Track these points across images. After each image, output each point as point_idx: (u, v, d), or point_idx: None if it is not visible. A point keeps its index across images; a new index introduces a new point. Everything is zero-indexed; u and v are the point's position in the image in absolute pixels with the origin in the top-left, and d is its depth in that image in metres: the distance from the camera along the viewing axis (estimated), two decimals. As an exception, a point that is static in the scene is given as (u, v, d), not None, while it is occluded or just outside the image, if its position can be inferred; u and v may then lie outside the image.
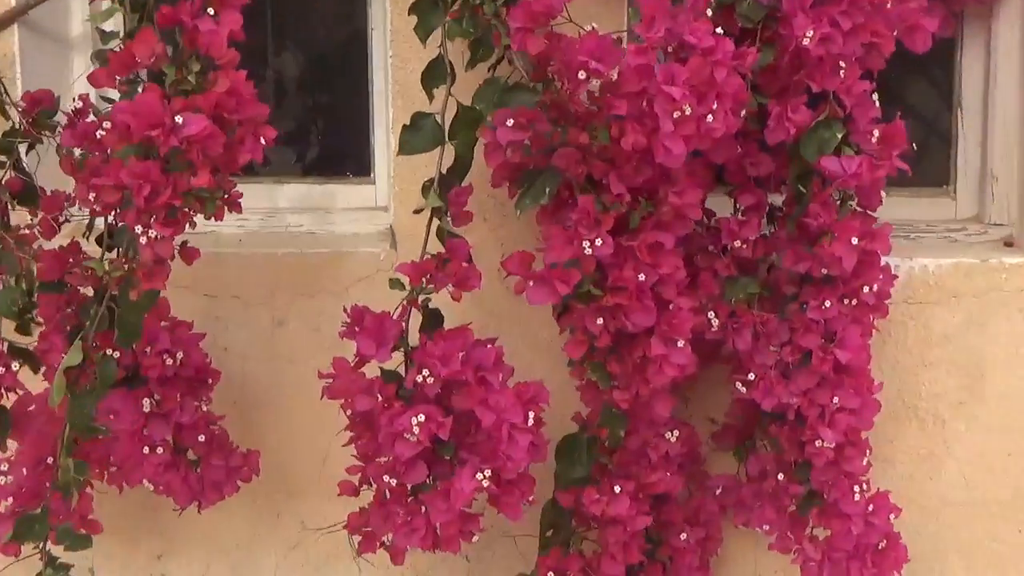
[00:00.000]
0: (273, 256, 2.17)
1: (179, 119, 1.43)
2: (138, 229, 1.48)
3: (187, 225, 1.54)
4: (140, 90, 1.52)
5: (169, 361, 1.79)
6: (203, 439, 1.83)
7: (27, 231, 1.87)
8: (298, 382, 2.11)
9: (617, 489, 1.84)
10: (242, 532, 2.23)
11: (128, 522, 2.21)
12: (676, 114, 1.55)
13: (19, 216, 1.92)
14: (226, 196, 1.58)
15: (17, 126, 1.87)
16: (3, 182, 1.86)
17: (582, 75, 1.59)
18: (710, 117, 1.57)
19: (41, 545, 1.75)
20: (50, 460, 1.78)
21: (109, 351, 1.68)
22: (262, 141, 1.53)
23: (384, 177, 2.27)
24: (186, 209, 1.49)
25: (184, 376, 1.81)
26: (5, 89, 1.87)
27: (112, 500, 2.00)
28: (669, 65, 1.57)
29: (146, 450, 1.77)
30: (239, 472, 1.88)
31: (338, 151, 2.42)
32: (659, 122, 1.55)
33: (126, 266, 1.59)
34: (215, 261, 2.12)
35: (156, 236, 1.48)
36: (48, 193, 1.88)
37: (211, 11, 1.51)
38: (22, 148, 1.89)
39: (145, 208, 1.44)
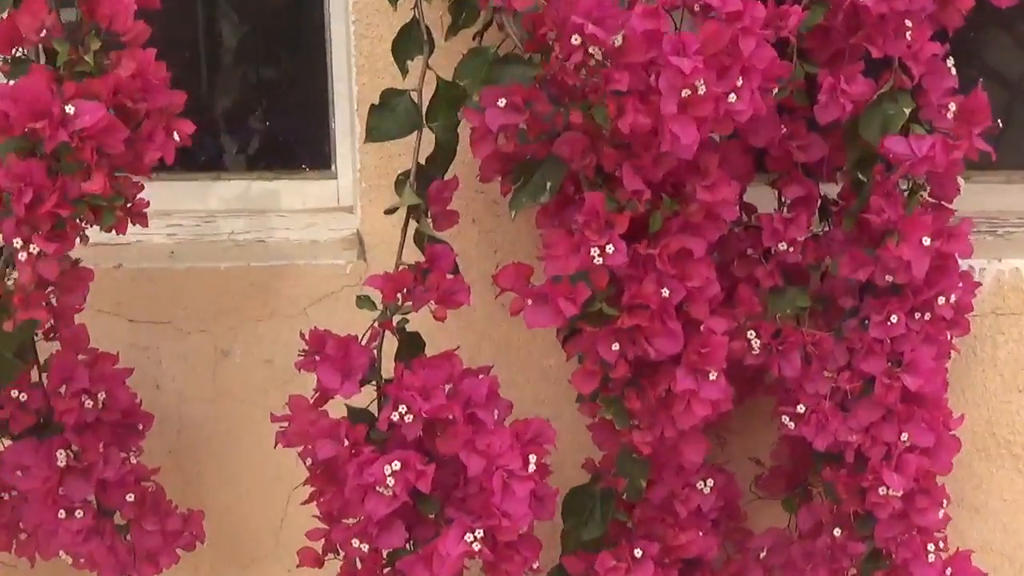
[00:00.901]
0: (214, 271, 2.18)
1: (70, 108, 1.42)
2: (16, 243, 1.47)
3: (77, 239, 1.53)
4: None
5: (89, 403, 1.78)
6: (133, 498, 1.83)
7: None
8: (249, 425, 2.12)
9: (638, 553, 1.83)
10: None
11: None
12: (686, 92, 1.54)
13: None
14: (128, 204, 1.57)
15: None
16: None
17: (576, 40, 1.55)
18: (733, 97, 1.56)
19: None
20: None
21: None
22: (175, 137, 1.52)
23: (348, 170, 2.28)
24: (77, 220, 1.48)
25: (108, 421, 1.81)
26: None
27: (37, 573, 2.02)
28: (683, 32, 1.56)
29: (62, 514, 1.76)
30: (178, 538, 1.87)
31: (290, 139, 2.41)
32: (663, 101, 1.54)
33: None
34: (143, 279, 2.16)
35: (38, 252, 1.47)
36: None
37: None
38: None
39: (26, 218, 1.43)
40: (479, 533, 1.64)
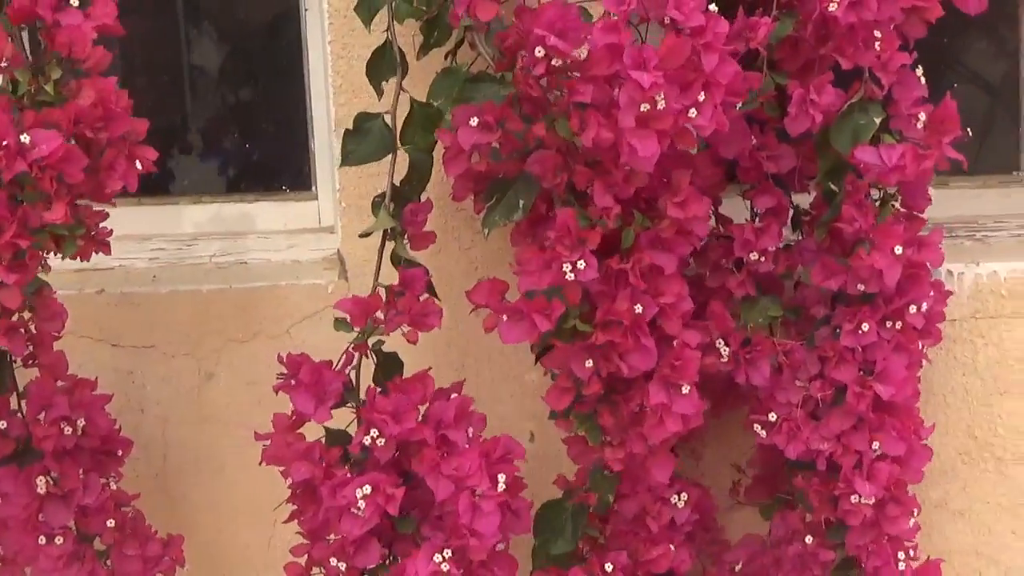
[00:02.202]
0: (197, 294, 2.16)
1: (26, 138, 1.41)
2: None
3: (40, 267, 1.52)
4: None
5: (68, 430, 1.76)
6: (112, 524, 1.81)
7: None
8: (234, 447, 2.10)
9: (609, 567, 1.82)
10: None
11: None
12: (645, 106, 1.53)
13: None
14: (91, 232, 1.56)
15: None
16: None
17: (539, 52, 1.55)
18: (694, 112, 1.56)
19: None
20: None
21: None
22: (138, 165, 1.51)
23: (328, 191, 2.28)
24: (37, 249, 1.47)
25: (87, 447, 1.79)
26: None
27: None
28: (644, 46, 1.55)
29: (42, 540, 1.75)
30: (159, 563, 1.85)
31: (270, 160, 2.41)
32: (622, 114, 1.53)
33: None
34: (124, 303, 2.14)
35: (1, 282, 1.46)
36: None
37: (76, 2, 1.49)
38: None
39: None
40: (447, 553, 1.64)
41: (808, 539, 1.89)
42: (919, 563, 1.88)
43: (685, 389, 1.70)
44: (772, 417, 1.84)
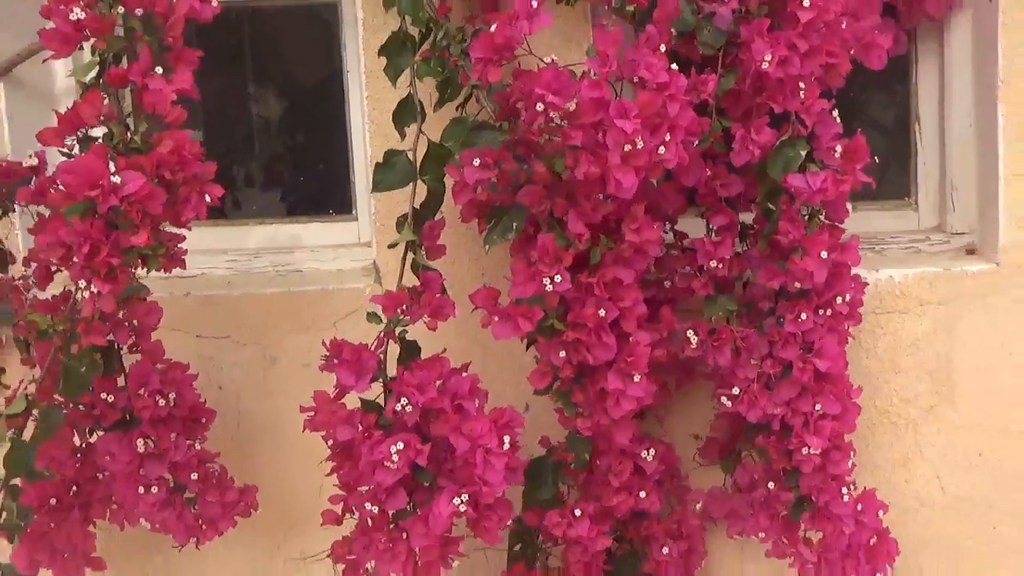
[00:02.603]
0: (262, 296, 2.14)
1: (118, 178, 1.40)
2: (81, 284, 1.45)
3: (131, 279, 1.52)
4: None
5: (162, 402, 1.75)
6: (197, 477, 1.79)
7: (21, 281, 1.86)
8: (292, 417, 2.02)
9: (578, 512, 1.81)
10: (244, 565, 2.21)
11: (141, 558, 2.20)
12: (627, 147, 1.53)
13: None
14: (170, 252, 1.55)
15: None
16: None
17: (539, 106, 1.55)
18: (662, 149, 1.55)
19: None
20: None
21: (54, 400, 1.63)
22: (207, 199, 1.50)
23: (366, 214, 2.25)
24: (127, 266, 1.46)
25: (178, 416, 1.77)
26: None
27: (123, 538, 1.98)
28: (624, 100, 1.55)
29: (142, 490, 1.74)
30: (236, 508, 1.83)
31: (320, 190, 2.39)
32: (609, 154, 1.53)
33: (67, 320, 1.56)
34: (206, 303, 2.13)
35: (97, 292, 1.44)
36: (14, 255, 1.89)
37: (160, 70, 1.48)
38: None
39: (85, 265, 1.41)
40: (464, 497, 1.63)
41: (770, 485, 1.88)
42: (858, 493, 1.87)
43: (636, 378, 1.69)
44: (735, 391, 1.82)
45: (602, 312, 1.65)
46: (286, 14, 2.30)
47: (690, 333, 1.80)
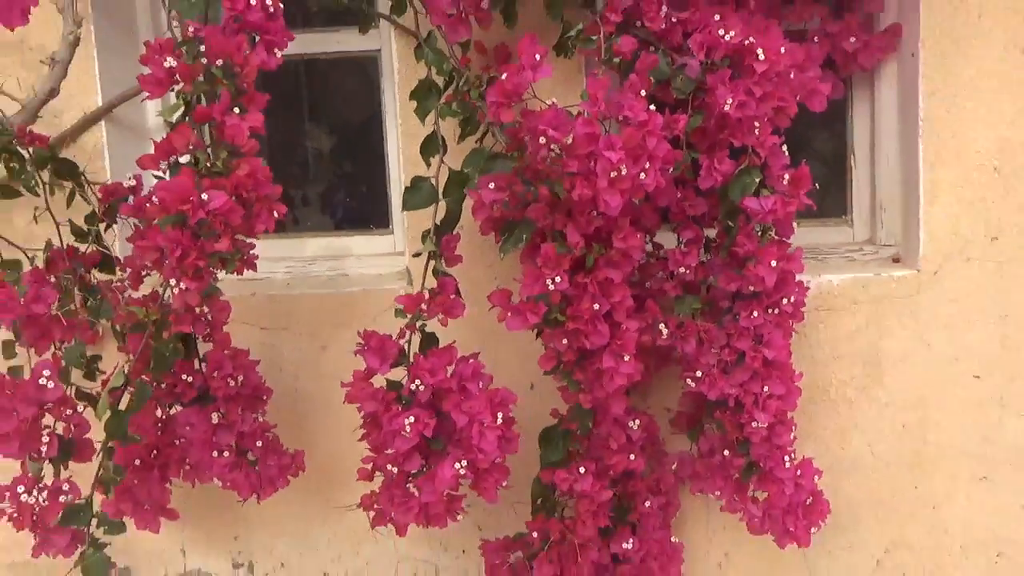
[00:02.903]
0: (316, 295, 2.13)
1: (205, 196, 1.41)
2: (172, 282, 1.45)
3: (212, 279, 1.51)
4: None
5: (232, 383, 1.76)
6: (260, 444, 1.80)
7: (118, 284, 1.86)
8: (339, 395, 2.02)
9: (582, 470, 1.81)
10: (301, 515, 2.21)
11: (213, 512, 2.21)
12: (614, 173, 1.53)
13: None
14: (244, 257, 1.55)
15: (97, 211, 1.87)
16: (85, 253, 1.86)
17: (542, 140, 1.56)
18: (643, 175, 1.55)
19: (86, 529, 1.65)
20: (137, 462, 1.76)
21: (144, 378, 1.63)
22: (275, 214, 1.50)
23: (400, 228, 2.24)
24: (210, 267, 1.46)
25: (244, 394, 1.78)
26: (89, 184, 1.86)
27: (195, 494, 1.98)
28: (610, 135, 1.56)
29: (215, 454, 1.75)
30: (289, 469, 1.85)
31: (363, 210, 2.38)
32: (598, 179, 1.54)
33: (159, 312, 1.56)
34: (270, 301, 2.13)
35: (185, 288, 1.44)
36: (121, 258, 1.87)
37: (237, 110, 1.48)
38: (102, 227, 1.90)
39: (176, 266, 1.41)
40: (464, 463, 1.64)
41: (726, 452, 1.88)
42: (797, 461, 1.87)
43: (626, 358, 1.69)
44: (698, 374, 1.82)
45: (596, 306, 1.65)
46: (335, 65, 2.30)
47: (662, 326, 1.80)
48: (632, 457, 1.86)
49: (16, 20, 1.03)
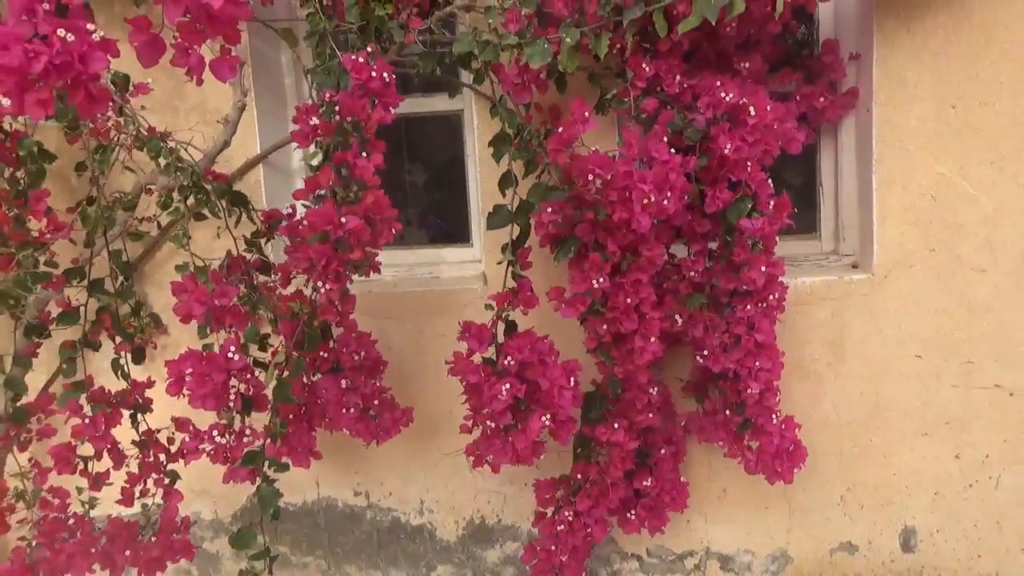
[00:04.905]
0: (415, 292, 2.14)
1: (344, 219, 1.42)
2: (319, 284, 1.46)
3: (348, 280, 1.52)
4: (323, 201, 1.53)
5: (356, 357, 1.77)
6: (377, 403, 1.81)
7: (272, 285, 1.88)
8: (434, 367, 2.10)
9: (616, 425, 1.81)
10: (405, 457, 2.23)
11: (339, 453, 2.23)
12: (645, 200, 1.53)
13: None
14: (371, 263, 1.57)
15: (260, 229, 1.90)
16: (251, 261, 1.88)
17: (590, 177, 1.56)
18: (666, 201, 1.56)
19: (261, 467, 1.69)
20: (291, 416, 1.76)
21: (297, 355, 1.64)
22: (393, 231, 1.51)
23: (479, 243, 2.25)
24: (347, 272, 1.47)
25: (366, 366, 1.79)
26: (253, 209, 1.88)
27: (330, 440, 2.03)
28: (642, 171, 1.56)
29: (344, 411, 1.76)
30: (400, 421, 1.84)
31: (452, 228, 2.39)
32: (634, 205, 1.54)
33: (311, 305, 1.57)
34: (382, 296, 2.14)
35: (329, 288, 1.46)
36: (276, 264, 1.88)
37: (364, 153, 1.50)
38: (263, 241, 1.92)
39: (323, 271, 1.42)
40: (548, 416, 1.62)
41: (727, 412, 1.87)
42: (782, 418, 1.86)
43: (652, 340, 1.68)
44: (705, 352, 1.80)
45: (629, 300, 1.65)
46: (430, 120, 2.32)
47: (677, 316, 1.79)
48: (652, 415, 1.84)
49: (226, 75, 1.06)
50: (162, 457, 1.76)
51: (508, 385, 1.59)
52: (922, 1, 1.88)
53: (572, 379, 1.64)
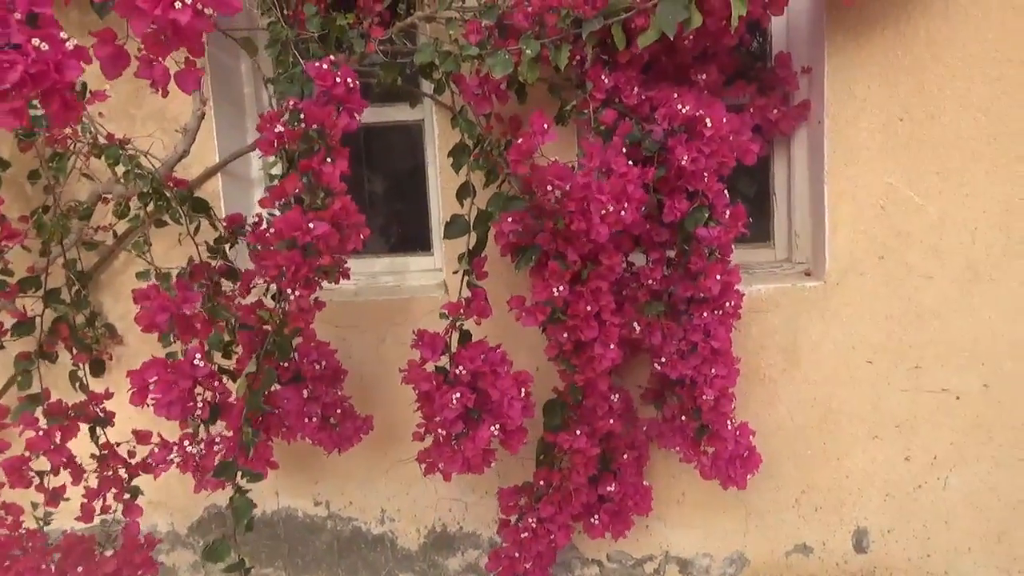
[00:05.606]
0: (376, 301, 2.13)
1: (311, 225, 1.41)
2: (288, 291, 1.46)
3: (318, 287, 1.51)
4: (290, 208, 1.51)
5: (317, 366, 1.76)
6: (339, 412, 1.80)
7: (231, 293, 1.88)
8: (394, 376, 2.02)
9: (578, 432, 1.81)
10: (365, 466, 2.22)
11: (298, 463, 2.21)
12: (603, 211, 1.54)
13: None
14: (340, 270, 1.56)
15: (223, 235, 1.87)
16: (216, 267, 1.86)
17: (549, 188, 1.56)
18: (623, 212, 1.56)
19: (234, 478, 1.68)
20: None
21: (270, 365, 1.64)
22: (361, 237, 1.51)
23: (439, 252, 2.25)
24: (316, 278, 1.47)
25: (326, 375, 1.78)
26: (215, 216, 1.86)
27: (289, 450, 2.01)
28: (600, 182, 1.56)
29: (306, 420, 1.75)
30: (361, 429, 1.84)
31: (411, 237, 2.38)
32: (592, 216, 1.54)
33: (280, 314, 1.56)
34: (344, 305, 2.12)
35: (299, 295, 1.46)
36: (243, 271, 1.87)
37: (329, 160, 1.49)
38: (227, 247, 1.91)
39: (292, 278, 1.42)
40: (497, 426, 1.63)
41: (683, 417, 1.87)
42: (737, 424, 1.86)
43: (611, 347, 1.68)
44: (663, 359, 1.81)
45: (589, 308, 1.65)
46: (390, 129, 2.31)
47: (635, 324, 1.79)
48: (613, 422, 1.85)
49: (190, 87, 1.06)
50: (122, 471, 1.73)
51: (459, 394, 1.60)
52: (872, 17, 1.92)
53: (523, 390, 1.64)
